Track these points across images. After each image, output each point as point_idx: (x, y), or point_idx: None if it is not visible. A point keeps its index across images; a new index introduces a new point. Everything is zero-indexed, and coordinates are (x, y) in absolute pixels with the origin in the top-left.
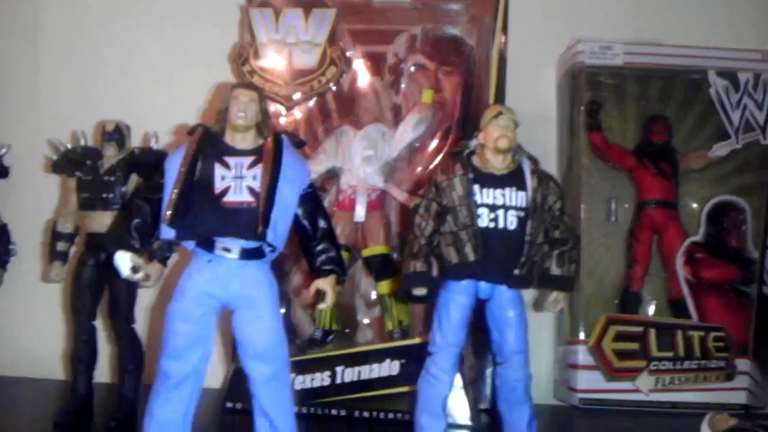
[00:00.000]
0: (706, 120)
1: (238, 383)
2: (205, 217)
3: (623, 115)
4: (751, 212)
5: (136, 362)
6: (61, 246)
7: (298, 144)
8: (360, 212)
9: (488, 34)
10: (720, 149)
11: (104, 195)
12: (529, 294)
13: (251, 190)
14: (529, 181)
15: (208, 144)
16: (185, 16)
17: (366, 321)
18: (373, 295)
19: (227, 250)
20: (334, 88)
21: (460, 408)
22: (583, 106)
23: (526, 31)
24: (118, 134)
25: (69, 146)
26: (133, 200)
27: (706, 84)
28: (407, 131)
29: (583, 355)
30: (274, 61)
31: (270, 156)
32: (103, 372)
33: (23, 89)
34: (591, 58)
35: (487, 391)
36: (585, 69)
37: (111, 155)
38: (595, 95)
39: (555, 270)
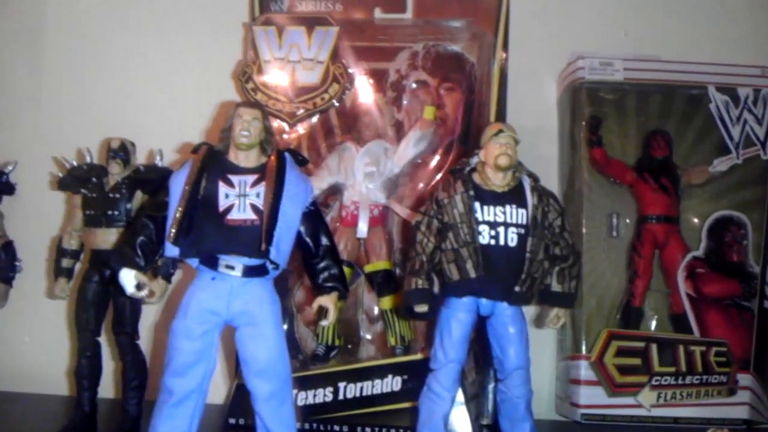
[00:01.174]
0: (707, 135)
1: (240, 399)
2: (208, 235)
3: (624, 130)
4: (751, 227)
5: (140, 378)
6: (66, 263)
7: (301, 162)
8: (362, 228)
9: (489, 50)
10: (720, 164)
11: (109, 212)
12: (530, 310)
13: (255, 208)
14: (530, 198)
15: (212, 162)
16: (190, 34)
17: (368, 337)
18: (376, 311)
19: (230, 267)
20: (336, 105)
21: (461, 424)
22: (583, 121)
23: (527, 47)
24: (123, 152)
25: (74, 163)
26: (137, 218)
27: (706, 99)
28: (409, 147)
29: (584, 371)
30: (277, 78)
31: (273, 174)
32: (107, 388)
33: (28, 107)
34: (591, 74)
35: (489, 406)
36: (585, 85)
37: (116, 172)
38: (595, 110)
39: (556, 287)
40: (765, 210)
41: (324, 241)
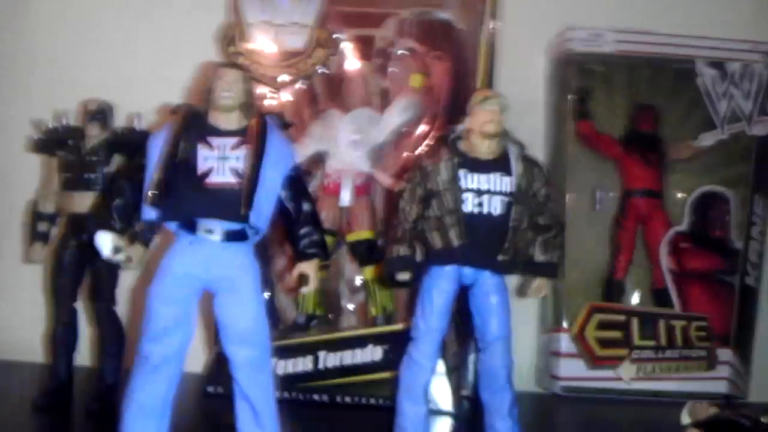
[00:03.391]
0: (694, 110)
1: (219, 367)
2: (187, 198)
3: (611, 103)
4: (735, 203)
5: (117, 345)
6: (42, 227)
7: (284, 125)
8: (345, 197)
9: (478, 18)
10: (706, 139)
11: (86, 175)
12: (513, 281)
13: (235, 172)
14: (515, 166)
15: (191, 124)
16: None
17: (350, 306)
18: (357, 281)
19: (210, 231)
20: (321, 71)
21: (442, 394)
22: (571, 93)
23: (517, 16)
24: (101, 114)
25: (51, 125)
26: (115, 181)
27: (694, 73)
28: (394, 116)
29: (565, 343)
30: (261, 42)
31: (255, 137)
32: (83, 355)
33: (4, 67)
34: (581, 45)
35: (470, 377)
36: (574, 56)
37: (94, 135)
38: (584, 83)
39: (539, 256)
40: (749, 186)
41: (306, 207)
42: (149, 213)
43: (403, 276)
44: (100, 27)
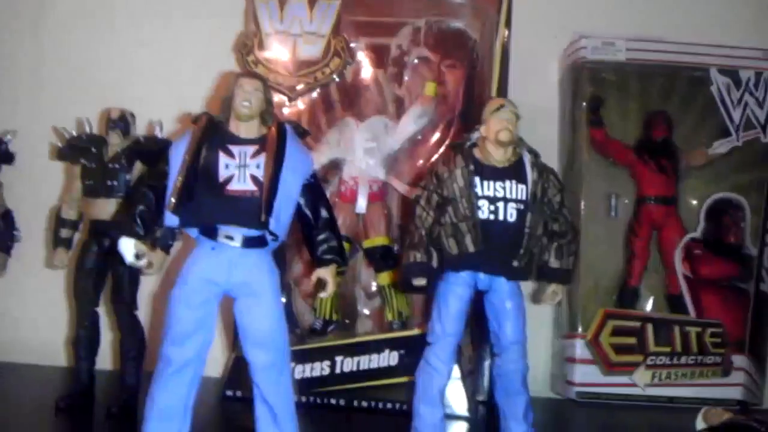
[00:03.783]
0: (707, 117)
1: (238, 371)
2: (208, 205)
3: (624, 111)
4: (749, 209)
5: (138, 349)
6: (64, 233)
7: (302, 134)
8: (361, 203)
9: (492, 27)
10: (720, 146)
11: (108, 182)
12: (528, 287)
13: (255, 179)
14: (530, 173)
15: (212, 132)
16: (190, 5)
17: (366, 312)
18: (374, 286)
19: (230, 238)
20: (337, 80)
21: (457, 399)
22: (584, 101)
23: (530, 25)
24: (122, 122)
25: (74, 134)
26: (137, 188)
27: (707, 81)
28: (409, 123)
29: (580, 349)
30: (278, 51)
31: (273, 145)
32: (105, 359)
33: (27, 76)
34: (593, 53)
35: (485, 383)
36: (587, 64)
37: (116, 143)
38: (596, 91)
39: (553, 262)
40: (764, 193)
41: (323, 213)
42: (171, 219)
43: (419, 281)
44: (121, 37)
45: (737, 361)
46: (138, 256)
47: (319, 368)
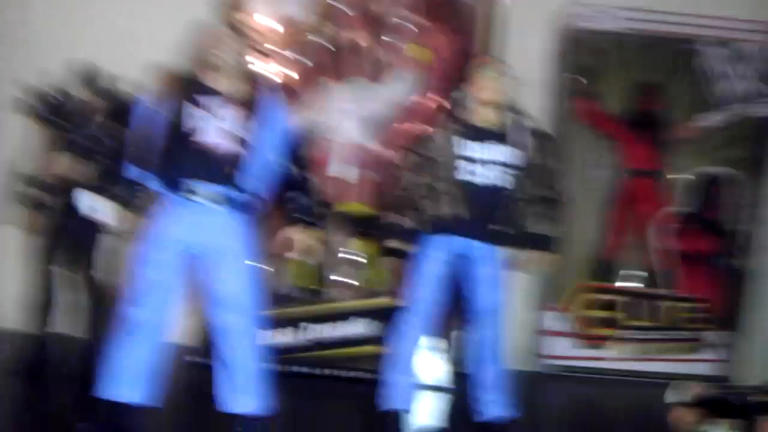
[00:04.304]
0: (697, 90)
1: (201, 337)
2: (176, 159)
3: (614, 81)
4: (734, 185)
5: (96, 311)
6: (24, 189)
7: (280, 92)
8: (338, 167)
9: None
10: (709, 120)
11: (70, 137)
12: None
13: (228, 135)
14: (515, 136)
15: (185, 87)
16: None
17: (339, 279)
18: (347, 253)
19: (198, 194)
20: (320, 41)
21: (429, 370)
22: (574, 70)
23: None
24: (88, 76)
25: (39, 87)
26: (98, 141)
27: (698, 53)
28: (393, 87)
29: (554, 322)
30: (259, 10)
31: (249, 99)
32: (60, 322)
33: None
34: (585, 21)
35: (463, 354)
36: (578, 33)
37: (80, 97)
38: (587, 60)
39: (533, 228)
40: (751, 168)
41: (297, 171)
42: (132, 171)
43: (398, 245)
44: None
45: (711, 336)
46: (93, 209)
47: (289, 336)
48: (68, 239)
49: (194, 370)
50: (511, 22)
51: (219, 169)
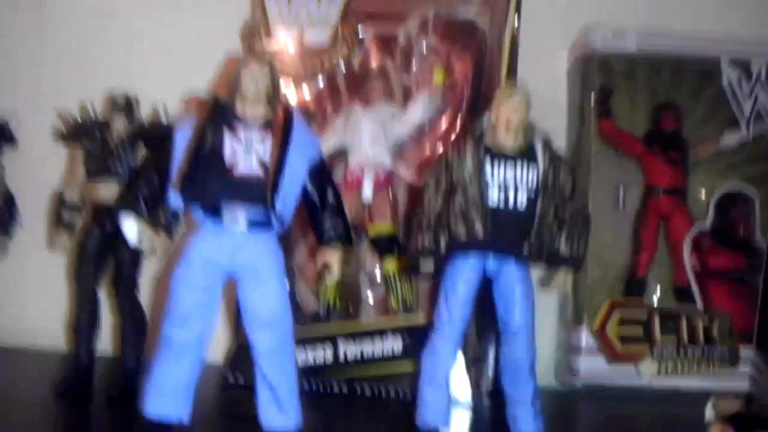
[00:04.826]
0: (717, 109)
1: (240, 359)
2: (213, 187)
3: (634, 102)
4: (759, 202)
5: (139, 334)
6: (67, 216)
7: (308, 118)
8: (367, 191)
9: (501, 17)
10: (730, 139)
11: (111, 166)
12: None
13: (260, 161)
14: (540, 160)
15: (218, 115)
16: None
17: (370, 299)
18: (378, 274)
19: (235, 220)
20: (345, 68)
21: (461, 389)
22: (593, 92)
23: (539, 15)
24: (127, 107)
25: (78, 117)
26: (141, 171)
27: (718, 72)
28: (417, 111)
29: (586, 339)
30: (285, 38)
31: (280, 127)
32: (106, 343)
33: (30, 58)
34: (603, 44)
35: (490, 372)
36: (597, 55)
37: (119, 128)
38: (606, 81)
39: (564, 249)
40: None
41: (330, 196)
42: (175, 201)
43: (427, 267)
44: (125, 19)
45: (744, 352)
46: (141, 238)
47: (322, 355)
48: (113, 264)
49: (233, 390)
50: (529, 45)
51: (255, 195)
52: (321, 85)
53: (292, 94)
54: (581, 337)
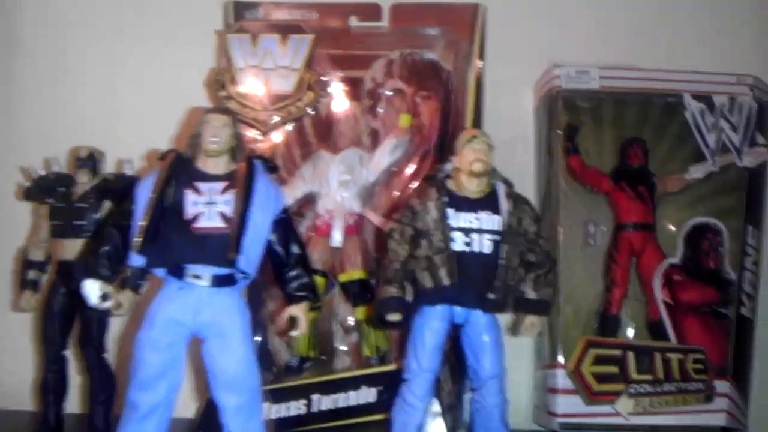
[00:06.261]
0: (683, 143)
1: (209, 415)
2: (175, 244)
3: (600, 138)
4: (728, 234)
5: (107, 392)
6: (32, 274)
7: (272, 169)
8: (337, 237)
9: (465, 58)
10: (696, 172)
11: (76, 222)
12: (506, 318)
13: (223, 216)
14: (504, 204)
15: (179, 169)
16: (161, 43)
17: (343, 347)
18: (351, 321)
19: (198, 277)
20: (311, 113)
21: None
22: (560, 129)
23: (503, 55)
24: (91, 161)
25: (41, 173)
26: (102, 227)
27: (681, 107)
28: (384, 155)
29: (562, 379)
30: (251, 86)
31: (242, 181)
32: (73, 403)
33: None
34: (568, 82)
35: (466, 417)
36: (562, 93)
37: (84, 182)
38: (572, 119)
39: (531, 294)
40: (741, 217)
41: (295, 249)
42: (137, 259)
43: (394, 317)
44: (89, 74)
45: (720, 386)
46: (103, 298)
47: (296, 407)
48: (80, 322)
49: None
50: (493, 85)
51: (218, 250)
52: (288, 131)
53: (260, 142)
54: (557, 377)
